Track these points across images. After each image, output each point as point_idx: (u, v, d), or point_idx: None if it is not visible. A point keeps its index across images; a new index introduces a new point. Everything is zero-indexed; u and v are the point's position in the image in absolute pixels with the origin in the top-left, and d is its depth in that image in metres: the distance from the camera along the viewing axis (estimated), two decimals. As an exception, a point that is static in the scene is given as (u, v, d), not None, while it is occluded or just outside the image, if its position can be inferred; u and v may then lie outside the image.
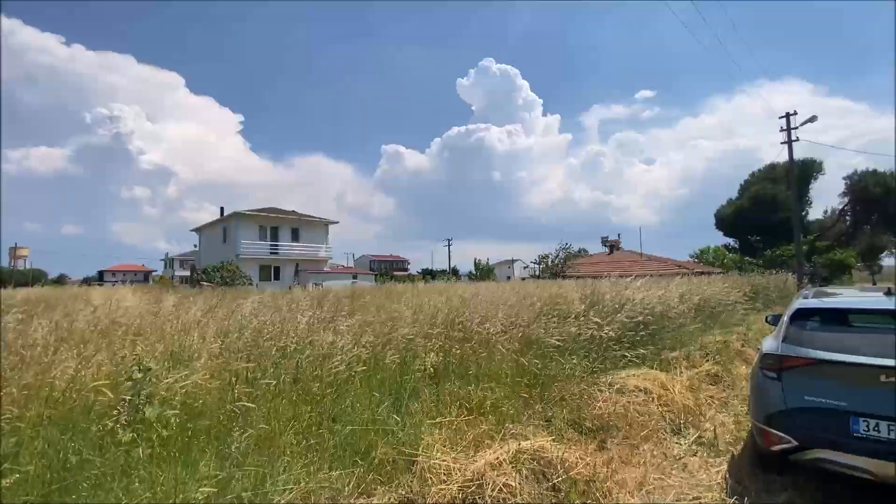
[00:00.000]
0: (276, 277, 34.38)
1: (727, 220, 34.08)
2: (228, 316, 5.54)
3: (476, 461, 3.21)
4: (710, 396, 5.73)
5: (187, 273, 41.74)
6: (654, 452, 4.10)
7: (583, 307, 7.21)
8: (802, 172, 30.65)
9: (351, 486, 3.04)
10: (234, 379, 3.70)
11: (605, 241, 40.41)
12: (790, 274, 21.82)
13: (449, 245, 61.54)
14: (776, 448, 3.37)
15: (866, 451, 3.00)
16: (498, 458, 3.21)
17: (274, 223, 35.71)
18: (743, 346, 8.45)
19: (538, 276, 29.88)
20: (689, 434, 4.57)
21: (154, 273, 75.93)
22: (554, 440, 3.89)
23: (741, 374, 6.78)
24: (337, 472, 3.10)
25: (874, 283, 36.66)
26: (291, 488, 2.87)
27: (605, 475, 3.47)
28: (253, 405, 3.16)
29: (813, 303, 3.89)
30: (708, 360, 7.06)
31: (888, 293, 3.79)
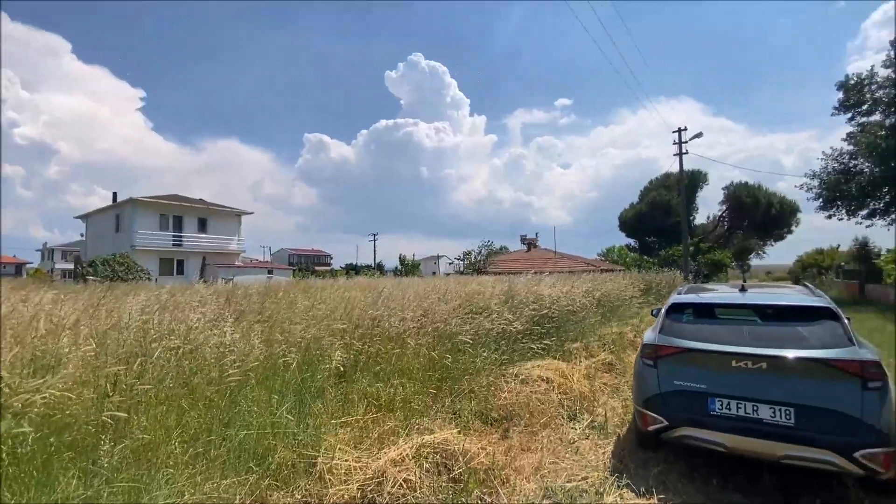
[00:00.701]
0: (180, 272, 31.36)
1: (629, 223, 37.57)
2: (110, 313, 4.94)
3: (379, 459, 3.21)
4: (604, 383, 6.28)
5: (71, 266, 36.53)
6: (552, 438, 4.40)
7: (497, 302, 7.50)
8: (691, 182, 34.67)
9: (243, 493, 2.87)
10: (109, 386, 3.31)
11: (523, 240, 42.50)
12: (678, 272, 24.62)
13: (374, 240, 60.67)
14: (651, 428, 3.77)
15: (720, 428, 3.47)
16: (401, 454, 3.23)
17: (178, 212, 32.45)
18: (635, 336, 9.36)
19: (462, 272, 30.60)
20: (583, 419, 4.96)
21: (28, 265, 65.27)
22: (459, 432, 4.01)
23: (631, 363, 7.51)
24: (229, 481, 2.91)
25: (744, 280, 42.73)
26: (174, 502, 2.64)
27: (505, 462, 3.66)
28: (125, 414, 2.85)
29: (685, 298, 4.41)
30: (604, 350, 7.73)
31: (742, 290, 4.43)
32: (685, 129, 25.06)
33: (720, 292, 4.75)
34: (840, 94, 28.73)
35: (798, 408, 3.25)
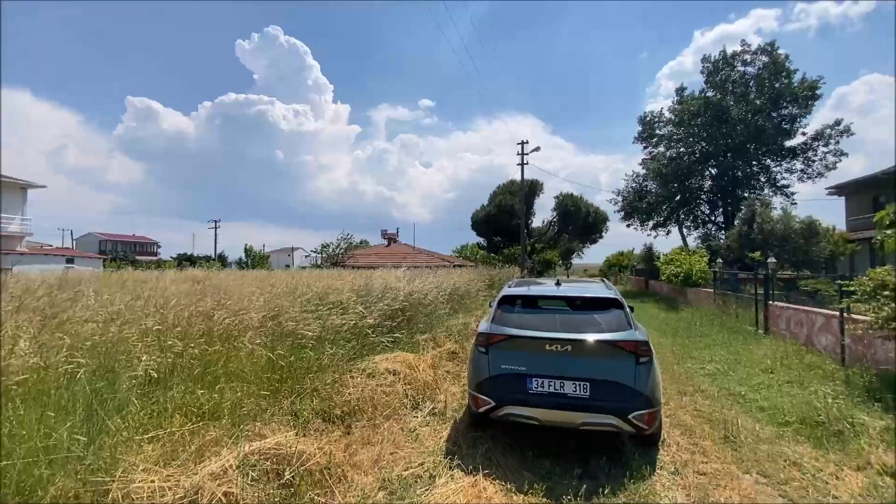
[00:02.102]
0: (-82, 257, 23.05)
1: (479, 223, 40.85)
2: None
3: (196, 474, 2.83)
4: (447, 371, 6.68)
5: None
6: (393, 429, 4.49)
7: (353, 297, 7.34)
8: (530, 189, 39.29)
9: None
10: None
11: (384, 234, 42.68)
12: (517, 267, 27.69)
13: (216, 227, 53.54)
14: (482, 409, 4.14)
15: (535, 404, 3.99)
16: (224, 465, 2.90)
17: (-85, 176, 23.79)
18: (477, 326, 10.19)
19: (319, 266, 29.17)
20: (425, 407, 5.19)
21: None
22: (297, 434, 3.80)
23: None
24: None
25: (567, 276, 50.36)
26: None
27: (343, 459, 3.59)
28: None
29: (513, 291, 4.94)
30: (450, 340, 8.23)
31: (557, 284, 5.16)
32: (527, 142, 28.24)
33: (541, 286, 5.44)
34: (639, 128, 35.90)
35: (593, 382, 3.92)
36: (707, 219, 33.65)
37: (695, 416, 5.27)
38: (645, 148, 35.80)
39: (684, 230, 34.41)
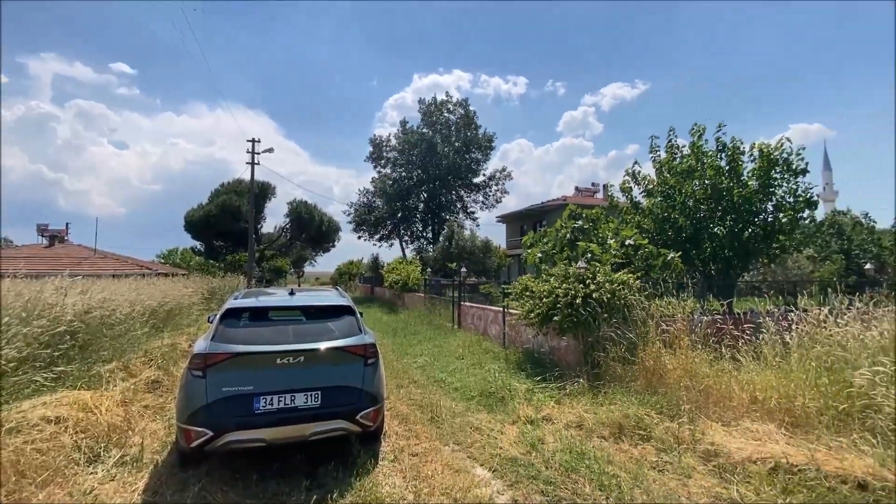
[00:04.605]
0: None
1: (196, 224, 35.04)
2: None
3: None
4: (146, 406, 5.42)
5: None
6: (56, 497, 3.29)
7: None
8: (261, 192, 36.72)
9: None
10: None
11: (43, 230, 30.82)
12: (243, 276, 25.21)
13: None
14: (195, 443, 3.54)
15: (263, 424, 3.70)
16: None
17: None
18: (190, 346, 8.70)
19: None
20: (110, 458, 4.03)
21: None
22: None
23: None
24: None
25: (299, 284, 49.35)
26: None
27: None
28: None
29: (240, 303, 4.49)
30: (151, 367, 6.71)
31: (291, 293, 4.99)
32: (259, 140, 26.31)
33: (273, 296, 5.15)
34: (370, 148, 39.11)
35: (324, 390, 3.96)
36: (421, 234, 39.63)
37: (410, 404, 6.07)
38: (375, 167, 39.32)
39: (404, 243, 39.46)
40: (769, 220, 9.63)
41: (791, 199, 9.52)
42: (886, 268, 14.53)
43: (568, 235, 9.57)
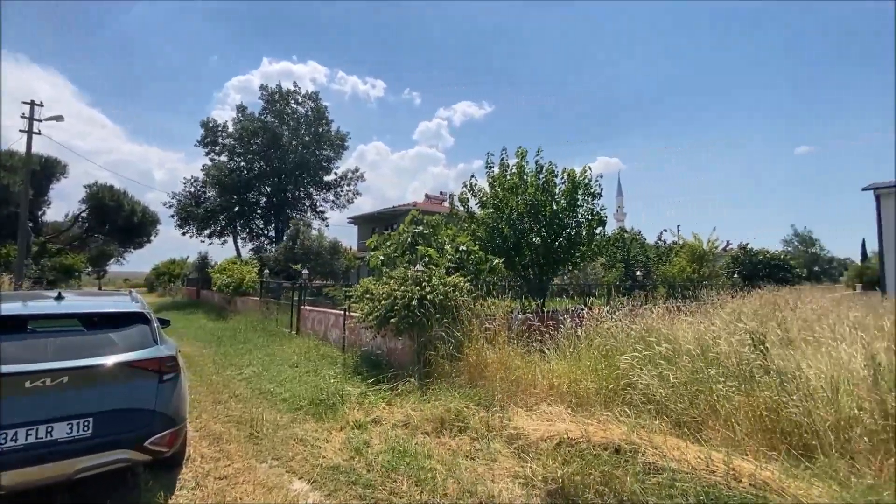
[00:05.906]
0: None
1: (-68, 204, 25.70)
2: None
3: None
4: None
5: None
6: None
7: None
8: (44, 169, 28.93)
9: None
10: None
11: None
12: (10, 277, 19.42)
13: None
14: None
15: (2, 466, 2.86)
16: None
17: None
18: None
19: None
20: None
21: None
22: None
23: None
24: None
25: (100, 286, 40.15)
26: None
27: None
28: None
29: None
30: None
31: (58, 298, 4.00)
32: (41, 104, 20.75)
33: (33, 301, 4.08)
34: (202, 132, 34.26)
35: (98, 416, 3.25)
36: (261, 232, 36.21)
37: (225, 422, 5.43)
38: (207, 154, 34.55)
39: (239, 241, 35.50)
40: (573, 233, 11.51)
41: (589, 217, 11.56)
42: (651, 274, 18.83)
43: (409, 239, 9.89)
